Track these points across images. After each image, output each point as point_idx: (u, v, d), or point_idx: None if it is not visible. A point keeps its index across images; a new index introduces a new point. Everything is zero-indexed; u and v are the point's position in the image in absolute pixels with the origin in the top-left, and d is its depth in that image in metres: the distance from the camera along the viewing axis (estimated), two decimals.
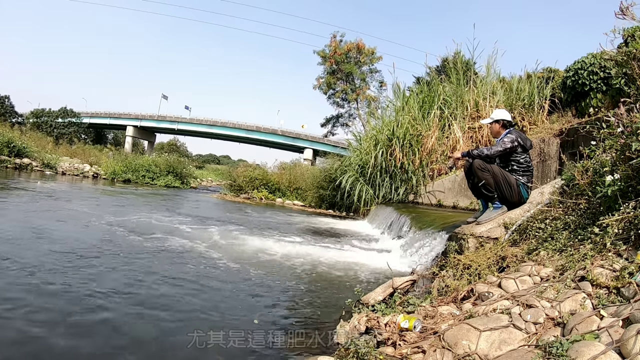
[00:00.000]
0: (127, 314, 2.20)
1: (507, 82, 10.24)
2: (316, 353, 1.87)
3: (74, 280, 2.62)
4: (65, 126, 36.42)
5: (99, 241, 3.94)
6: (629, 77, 2.98)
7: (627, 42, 4.29)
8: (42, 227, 4.31)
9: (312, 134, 43.76)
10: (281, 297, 2.81)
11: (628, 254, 1.83)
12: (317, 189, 12.31)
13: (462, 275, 2.58)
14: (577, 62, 7.82)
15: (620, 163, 2.23)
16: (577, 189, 2.67)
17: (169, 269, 3.22)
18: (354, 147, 11.58)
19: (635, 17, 2.83)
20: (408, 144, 9.51)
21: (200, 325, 2.16)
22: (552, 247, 2.37)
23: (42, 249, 3.36)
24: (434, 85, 10.60)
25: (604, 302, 1.60)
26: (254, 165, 16.28)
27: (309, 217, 9.54)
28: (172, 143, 49.41)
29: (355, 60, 26.94)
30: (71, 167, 17.13)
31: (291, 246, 4.76)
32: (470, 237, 3.20)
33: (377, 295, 2.56)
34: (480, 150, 3.42)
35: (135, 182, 16.04)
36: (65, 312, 2.10)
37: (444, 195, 8.85)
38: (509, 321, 1.64)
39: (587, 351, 1.26)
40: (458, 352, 1.54)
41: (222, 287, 2.90)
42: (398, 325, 1.89)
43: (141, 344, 1.89)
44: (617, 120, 2.30)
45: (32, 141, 18.10)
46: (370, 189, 9.73)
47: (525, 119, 9.23)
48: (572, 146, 6.96)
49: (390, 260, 3.68)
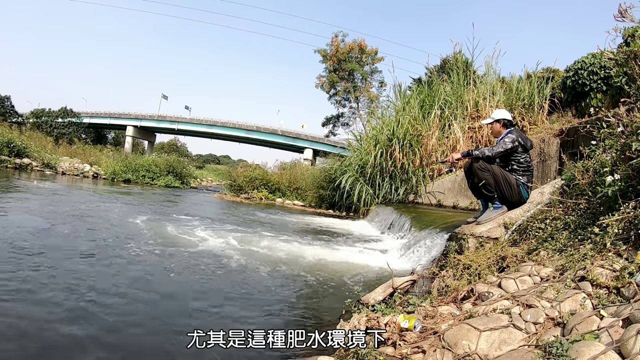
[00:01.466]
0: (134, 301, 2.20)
1: (507, 82, 10.23)
2: (316, 353, 1.87)
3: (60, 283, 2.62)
4: (65, 126, 36.40)
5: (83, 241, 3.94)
6: (629, 77, 2.97)
7: (628, 42, 4.29)
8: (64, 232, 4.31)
9: (312, 134, 43.79)
10: (280, 297, 2.81)
11: (628, 254, 1.83)
12: (317, 189, 12.31)
13: (462, 275, 2.58)
14: (577, 62, 7.82)
15: (620, 163, 2.23)
16: (577, 189, 2.66)
17: (168, 269, 3.22)
18: (354, 147, 11.58)
19: (634, 19, 2.82)
20: (408, 144, 9.51)
21: (199, 325, 2.16)
22: (552, 247, 2.37)
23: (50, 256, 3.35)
24: (434, 85, 10.60)
25: (604, 302, 1.59)
26: (254, 165, 16.29)
27: (308, 217, 9.54)
28: (172, 143, 49.43)
29: (357, 59, 26.94)
30: (71, 167, 17.14)
31: (291, 246, 4.75)
32: (470, 237, 3.20)
33: (377, 295, 2.56)
34: (481, 150, 3.40)
35: (135, 182, 16.03)
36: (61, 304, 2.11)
37: (444, 195, 8.84)
38: (509, 321, 1.63)
39: (587, 351, 1.26)
40: (458, 352, 1.54)
41: (222, 286, 2.90)
42: (398, 325, 1.89)
43: (141, 344, 1.89)
44: (617, 120, 2.30)
45: (32, 141, 18.13)
46: (370, 189, 9.73)
47: (525, 119, 9.22)
48: (572, 146, 6.96)
49: (390, 260, 3.68)
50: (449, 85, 10.51)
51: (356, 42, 26.69)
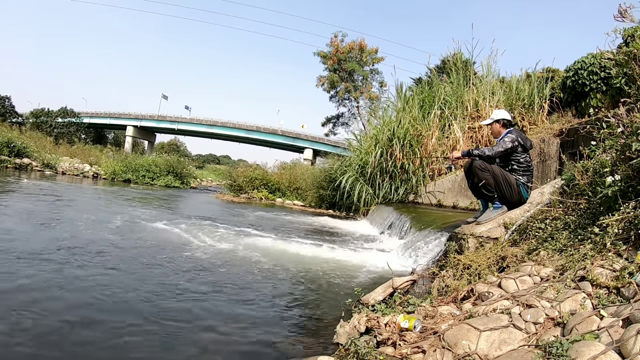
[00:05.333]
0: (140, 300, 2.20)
1: (507, 82, 10.23)
2: (316, 353, 1.87)
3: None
4: (65, 126, 36.41)
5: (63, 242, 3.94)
6: (629, 77, 2.97)
7: (627, 43, 4.29)
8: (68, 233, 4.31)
9: (312, 134, 43.79)
10: (280, 296, 2.81)
11: (628, 254, 1.83)
12: (317, 189, 12.32)
13: (462, 275, 2.59)
14: (577, 62, 7.81)
15: (620, 163, 2.23)
16: (577, 189, 2.67)
17: (167, 268, 3.22)
18: (355, 147, 11.58)
19: (634, 19, 2.82)
20: (408, 144, 9.51)
21: (199, 324, 2.16)
22: (552, 247, 2.37)
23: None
24: (434, 85, 10.60)
25: (604, 302, 1.60)
26: (254, 165, 16.29)
27: (309, 217, 9.54)
28: (172, 143, 49.44)
29: (357, 59, 26.93)
30: (71, 167, 17.14)
31: (291, 246, 4.75)
32: (470, 237, 3.20)
33: (377, 295, 2.56)
34: (481, 150, 3.41)
35: (135, 182, 16.04)
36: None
37: (444, 195, 8.85)
38: (509, 321, 1.64)
39: (587, 351, 1.26)
40: (458, 352, 1.54)
41: (222, 286, 2.90)
42: (398, 325, 1.89)
43: (141, 341, 1.89)
44: (617, 121, 2.30)
45: (32, 141, 18.13)
46: (370, 189, 9.73)
47: (525, 119, 9.22)
48: (572, 146, 6.96)
49: (390, 260, 3.68)
50: (449, 85, 10.51)
51: (356, 42, 26.69)
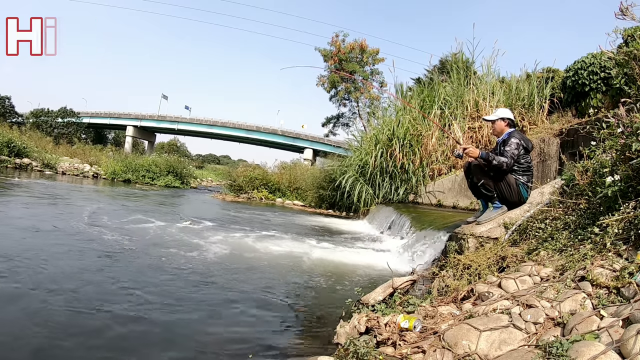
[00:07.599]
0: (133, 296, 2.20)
1: (507, 82, 10.23)
2: (316, 353, 1.87)
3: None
4: (65, 126, 36.41)
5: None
6: (629, 77, 2.97)
7: (627, 43, 4.29)
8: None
9: (312, 134, 43.81)
10: (280, 297, 2.81)
11: (628, 254, 1.83)
12: (317, 189, 12.31)
13: (462, 275, 2.58)
14: (577, 62, 7.82)
15: (620, 163, 2.23)
16: (577, 189, 2.67)
17: (166, 268, 3.22)
18: (355, 147, 11.58)
19: (635, 18, 2.82)
20: (408, 144, 9.51)
21: (199, 324, 2.16)
22: (552, 247, 2.37)
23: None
24: (434, 85, 10.60)
25: (604, 302, 1.60)
26: (254, 165, 16.26)
27: (308, 216, 9.54)
28: (172, 143, 49.41)
29: (358, 60, 26.91)
30: (71, 167, 17.14)
31: (290, 246, 4.76)
32: (470, 237, 3.20)
33: (377, 295, 2.56)
34: (499, 162, 3.26)
35: (135, 182, 16.03)
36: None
37: (444, 195, 8.85)
38: (509, 321, 1.63)
39: (587, 351, 1.26)
40: (458, 352, 1.54)
41: (221, 286, 2.90)
42: (398, 325, 1.89)
43: (141, 341, 1.89)
44: (617, 121, 2.30)
45: (32, 141, 18.13)
46: (370, 189, 9.73)
47: (525, 119, 9.22)
48: (572, 146, 6.96)
49: (390, 260, 3.68)
50: (449, 85, 10.51)
51: (357, 42, 26.66)
